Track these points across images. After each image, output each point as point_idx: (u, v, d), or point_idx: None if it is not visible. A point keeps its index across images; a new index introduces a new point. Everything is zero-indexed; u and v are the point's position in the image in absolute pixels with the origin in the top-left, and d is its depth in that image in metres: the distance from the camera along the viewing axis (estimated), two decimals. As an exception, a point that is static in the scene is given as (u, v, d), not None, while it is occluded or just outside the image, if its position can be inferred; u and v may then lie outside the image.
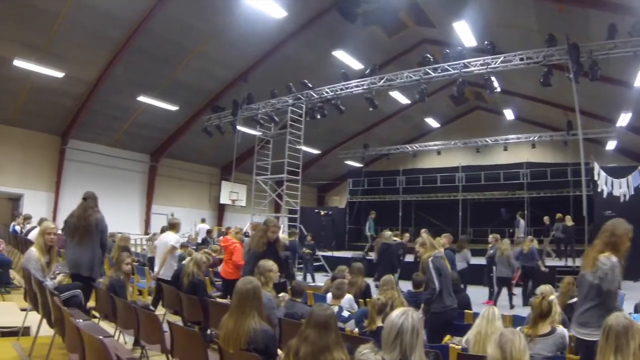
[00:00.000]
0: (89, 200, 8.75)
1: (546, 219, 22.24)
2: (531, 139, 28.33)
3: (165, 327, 5.97)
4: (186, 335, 5.55)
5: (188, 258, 9.74)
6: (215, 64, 22.40)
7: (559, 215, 21.09)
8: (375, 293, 8.63)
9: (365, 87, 19.47)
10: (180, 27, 19.29)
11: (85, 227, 8.21)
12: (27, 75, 19.33)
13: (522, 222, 22.88)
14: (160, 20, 18.46)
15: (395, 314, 3.41)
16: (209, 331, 8.00)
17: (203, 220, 23.61)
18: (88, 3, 16.95)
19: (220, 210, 32.38)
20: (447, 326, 7.17)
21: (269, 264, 7.03)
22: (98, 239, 8.32)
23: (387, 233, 16.37)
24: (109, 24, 18.21)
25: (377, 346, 3.44)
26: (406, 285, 10.40)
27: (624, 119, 22.13)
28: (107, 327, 7.27)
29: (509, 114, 28.85)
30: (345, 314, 7.14)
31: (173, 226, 11.31)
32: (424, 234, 8.17)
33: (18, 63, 18.33)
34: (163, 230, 12.89)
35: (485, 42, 17.10)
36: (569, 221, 20.10)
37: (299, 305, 7.28)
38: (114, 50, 19.54)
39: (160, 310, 8.86)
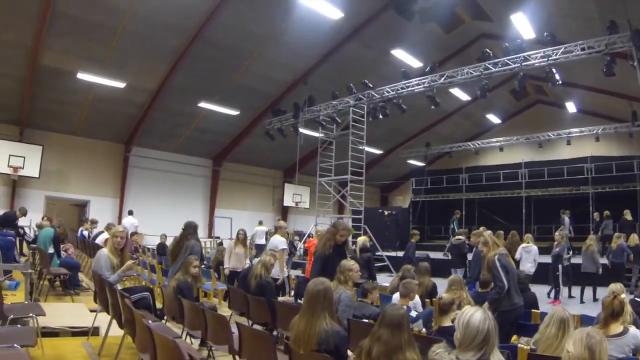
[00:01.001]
0: (187, 229, 9.92)
1: (596, 215, 22.38)
2: (594, 132, 27.59)
3: (233, 328, 6.03)
4: (255, 337, 5.66)
5: (256, 259, 10.12)
6: (274, 67, 22.80)
7: (606, 212, 21.11)
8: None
9: (426, 85, 19.44)
10: (238, 32, 19.70)
11: (178, 251, 9.51)
12: (90, 87, 20.23)
13: (566, 220, 22.72)
14: (217, 27, 18.99)
15: (477, 317, 3.33)
16: (275, 332, 8.06)
17: (260, 223, 23.97)
18: (145, 14, 17.64)
19: (284, 213, 32.52)
20: (515, 325, 7.23)
21: (350, 263, 7.12)
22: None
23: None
24: (167, 34, 18.88)
25: (450, 346, 3.43)
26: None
27: None
28: (174, 328, 7.55)
29: (570, 107, 28.45)
30: (413, 314, 7.35)
31: (279, 229, 11.88)
32: (486, 233, 8.19)
33: (81, 76, 19.24)
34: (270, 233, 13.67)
35: (545, 34, 16.64)
36: (628, 215, 20.07)
37: (367, 306, 7.34)
38: (173, 58, 20.22)
39: (226, 312, 9.02)
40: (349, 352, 4.84)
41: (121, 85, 20.24)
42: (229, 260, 12.78)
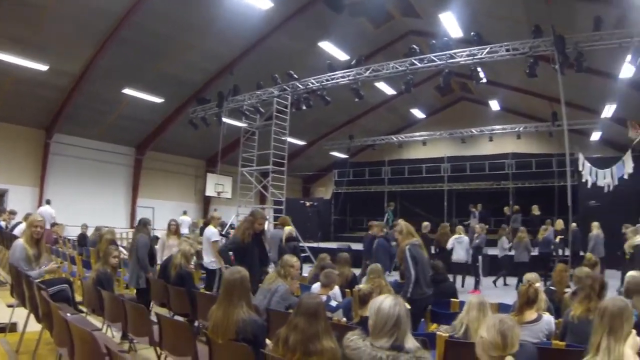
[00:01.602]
0: (138, 225, 10.29)
1: (507, 209, 23.37)
2: (516, 129, 28.44)
3: (154, 319, 5.92)
4: (175, 327, 5.56)
5: (175, 249, 9.74)
6: (201, 55, 22.21)
7: (516, 207, 22.63)
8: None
9: (351, 77, 19.47)
10: (166, 19, 19.05)
11: (132, 247, 9.85)
12: (10, 68, 18.98)
13: (476, 214, 23.69)
14: (146, 12, 18.26)
15: (387, 303, 3.38)
16: (196, 323, 7.94)
17: (185, 213, 23.47)
18: (74, -6, 16.76)
19: (206, 203, 32.13)
20: (423, 313, 7.42)
21: (293, 259, 7.04)
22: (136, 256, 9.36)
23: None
24: (95, 16, 17.96)
25: (365, 333, 3.44)
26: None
27: (608, 110, 22.17)
28: (95, 321, 7.34)
29: (494, 105, 28.98)
30: (334, 303, 7.21)
31: (213, 220, 11.68)
32: (402, 222, 8.06)
33: (0, 56, 18.10)
34: (206, 224, 13.33)
35: (472, 33, 17.10)
36: (535, 211, 21.66)
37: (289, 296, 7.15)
38: (100, 42, 19.31)
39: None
40: (268, 341, 4.89)
41: (43, 68, 19.16)
42: (162, 253, 12.08)
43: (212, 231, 11.01)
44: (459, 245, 15.63)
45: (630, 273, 6.50)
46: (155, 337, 5.76)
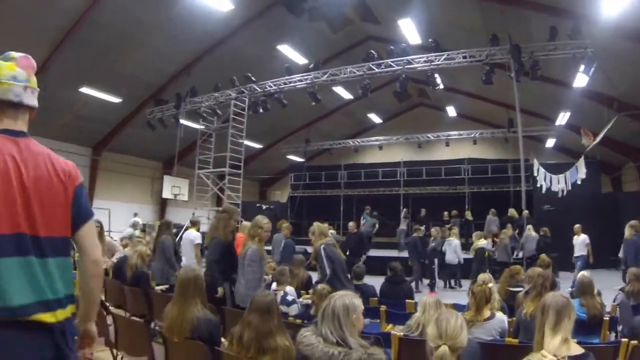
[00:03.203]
0: (162, 226, 10.75)
1: (446, 214, 23.44)
2: (472, 135, 28.59)
3: (110, 321, 5.85)
4: (131, 327, 5.57)
5: (128, 249, 9.91)
6: (160, 56, 21.45)
7: (454, 211, 23.09)
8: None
9: (308, 81, 19.37)
10: (126, 18, 18.32)
11: (155, 247, 9.93)
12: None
13: (404, 220, 24.11)
14: (106, 10, 17.49)
15: (332, 296, 3.49)
16: (153, 324, 7.30)
17: (135, 215, 22.90)
18: (29, -11, 16.02)
19: (163, 205, 31.27)
20: None
21: (264, 221, 7.26)
22: (162, 255, 9.63)
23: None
24: (53, 13, 17.13)
25: (318, 330, 3.41)
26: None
27: (563, 118, 22.54)
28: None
29: (451, 111, 29.01)
30: (290, 297, 7.29)
31: (194, 224, 11.91)
32: (315, 223, 8.13)
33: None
34: (187, 228, 13.24)
35: (430, 40, 17.30)
36: (469, 216, 22.50)
37: None
38: (57, 39, 18.46)
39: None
40: (222, 339, 4.81)
41: (-3, 65, 18.33)
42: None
43: (194, 234, 11.14)
44: (449, 248, 16.06)
45: (582, 272, 7.15)
46: (111, 338, 5.63)
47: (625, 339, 4.99)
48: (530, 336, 4.17)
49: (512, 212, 20.59)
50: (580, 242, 15.40)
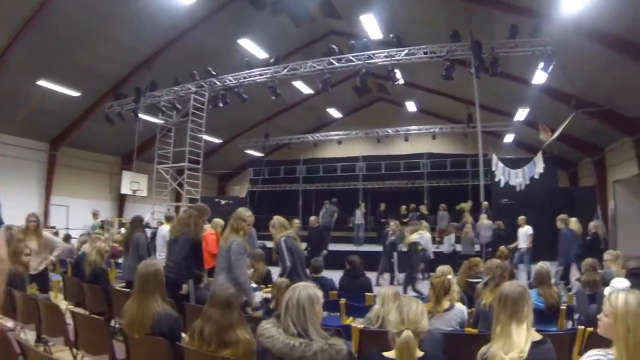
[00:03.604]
0: (134, 223, 10.29)
1: (403, 208, 23.36)
2: (432, 130, 28.72)
3: (69, 320, 5.68)
4: (90, 325, 5.44)
5: (86, 246, 9.94)
6: (120, 48, 20.80)
7: (412, 205, 23.12)
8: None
9: (268, 75, 19.21)
10: (85, 9, 17.61)
11: (128, 244, 9.69)
12: None
13: (359, 213, 24.18)
14: (65, 0, 16.88)
15: (296, 291, 3.41)
16: (113, 322, 7.57)
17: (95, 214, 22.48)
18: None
19: (121, 201, 30.50)
20: None
21: (247, 213, 6.99)
22: (135, 252, 9.38)
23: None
24: (10, 1, 16.32)
25: (279, 322, 3.40)
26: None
27: (521, 114, 22.81)
28: (7, 323, 6.58)
29: (410, 106, 28.89)
30: (253, 285, 7.24)
31: (169, 219, 12.53)
32: (276, 217, 8.03)
33: None
34: (161, 223, 13.73)
35: (391, 35, 17.25)
36: (424, 210, 22.64)
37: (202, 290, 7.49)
38: (15, 30, 17.61)
39: (62, 305, 7.94)
40: (183, 335, 4.77)
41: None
42: None
43: (168, 229, 10.87)
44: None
45: (540, 264, 7.13)
46: (70, 337, 5.50)
47: (582, 327, 5.30)
48: (489, 326, 4.16)
49: (462, 206, 20.99)
50: (524, 233, 15.73)
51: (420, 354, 3.30)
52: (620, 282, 6.02)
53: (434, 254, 16.39)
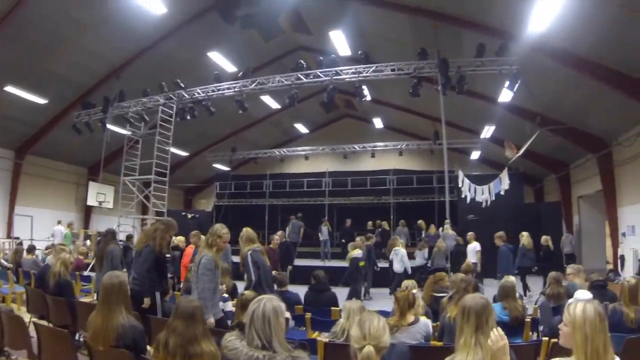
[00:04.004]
0: (107, 235, 10.58)
1: (370, 224, 23.56)
2: (398, 147, 28.86)
3: (32, 333, 5.56)
4: (54, 337, 5.35)
5: (50, 257, 10.05)
6: (89, 57, 20.39)
7: (378, 221, 23.32)
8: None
9: (236, 89, 19.11)
10: (55, 15, 17.26)
11: (102, 257, 9.82)
12: None
13: (324, 229, 23.98)
14: (35, 6, 16.44)
15: (260, 304, 3.35)
16: (77, 336, 7.47)
17: (59, 222, 22.00)
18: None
19: (87, 212, 29.87)
20: None
21: (224, 230, 6.87)
22: (109, 264, 9.47)
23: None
24: None
25: (243, 334, 3.37)
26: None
27: (487, 131, 22.91)
28: None
29: (377, 123, 29.09)
30: (225, 295, 7.64)
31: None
32: (245, 229, 8.21)
33: None
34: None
35: (360, 52, 17.32)
36: (386, 226, 22.65)
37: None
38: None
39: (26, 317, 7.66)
40: (148, 347, 4.70)
41: None
42: None
43: None
44: (395, 257, 15.96)
45: (505, 278, 7.39)
46: (34, 350, 5.43)
47: (546, 338, 5.48)
48: (454, 338, 4.03)
49: (421, 223, 21.37)
50: (472, 249, 15.94)
51: None
52: (583, 294, 5.88)
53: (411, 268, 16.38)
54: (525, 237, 15.30)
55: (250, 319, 3.30)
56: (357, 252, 15.03)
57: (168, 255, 10.75)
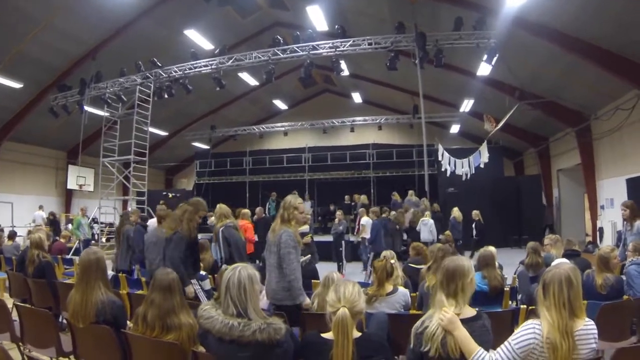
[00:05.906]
0: (123, 217, 11.44)
1: (347, 198, 23.74)
2: (378, 121, 28.89)
3: (15, 317, 5.57)
4: (36, 318, 5.34)
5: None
6: (64, 38, 19.63)
7: (356, 195, 22.94)
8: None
9: (213, 67, 18.90)
10: None
11: (119, 238, 10.71)
12: None
13: (307, 204, 23.57)
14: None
15: (234, 272, 3.40)
16: (60, 318, 7.08)
17: (40, 207, 21.67)
18: None
19: (68, 196, 29.23)
20: None
21: (298, 201, 5.97)
22: (125, 244, 10.36)
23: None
24: None
25: (219, 303, 3.46)
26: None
27: (467, 105, 22.79)
28: None
29: (356, 97, 29.01)
30: (203, 272, 7.29)
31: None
32: (219, 205, 8.20)
33: None
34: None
35: (336, 27, 17.20)
36: (364, 200, 21.64)
37: None
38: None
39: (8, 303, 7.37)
40: (128, 322, 4.81)
41: None
42: None
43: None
44: (424, 227, 15.92)
45: (484, 247, 7.27)
46: (17, 333, 5.43)
47: (524, 306, 5.72)
48: None
49: (396, 195, 20.88)
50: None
51: (357, 334, 3.26)
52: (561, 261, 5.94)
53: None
54: (455, 211, 16.91)
55: (226, 286, 3.35)
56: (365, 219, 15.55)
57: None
